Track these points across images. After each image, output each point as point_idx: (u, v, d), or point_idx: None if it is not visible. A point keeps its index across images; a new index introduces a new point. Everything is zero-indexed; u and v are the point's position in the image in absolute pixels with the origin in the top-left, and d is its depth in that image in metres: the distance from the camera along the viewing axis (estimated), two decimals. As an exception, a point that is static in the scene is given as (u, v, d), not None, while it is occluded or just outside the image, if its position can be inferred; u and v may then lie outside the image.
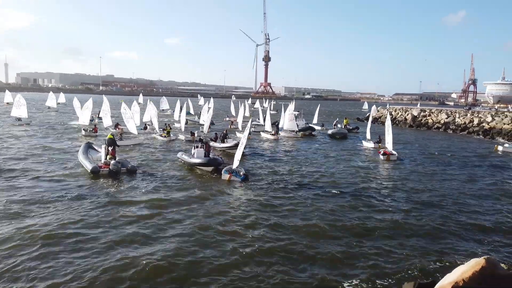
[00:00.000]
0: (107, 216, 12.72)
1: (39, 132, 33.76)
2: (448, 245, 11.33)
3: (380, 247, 10.95)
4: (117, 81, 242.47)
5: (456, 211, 14.70)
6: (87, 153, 20.81)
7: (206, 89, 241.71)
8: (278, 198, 15.55)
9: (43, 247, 10.12)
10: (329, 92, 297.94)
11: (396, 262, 10.07)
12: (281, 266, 9.59)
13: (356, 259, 10.17)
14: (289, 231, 11.95)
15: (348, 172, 21.38)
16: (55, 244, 10.33)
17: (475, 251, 10.76)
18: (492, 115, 48.79)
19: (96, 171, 17.97)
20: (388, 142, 26.56)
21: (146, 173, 19.32)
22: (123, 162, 19.46)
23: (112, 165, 18.22)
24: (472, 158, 27.74)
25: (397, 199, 16.17)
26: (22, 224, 11.52)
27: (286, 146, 31.71)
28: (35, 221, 11.88)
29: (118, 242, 10.67)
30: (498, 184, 19.82)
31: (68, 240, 10.61)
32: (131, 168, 19.10)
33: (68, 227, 11.54)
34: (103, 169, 18.31)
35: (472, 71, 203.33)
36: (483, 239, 11.97)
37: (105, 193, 15.45)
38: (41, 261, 9.35)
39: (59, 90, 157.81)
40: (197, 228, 11.89)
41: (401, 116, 59.53)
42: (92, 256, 9.75)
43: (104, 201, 14.30)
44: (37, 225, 11.49)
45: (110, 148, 19.76)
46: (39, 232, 10.98)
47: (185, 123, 37.19)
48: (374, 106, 70.59)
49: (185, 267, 9.41)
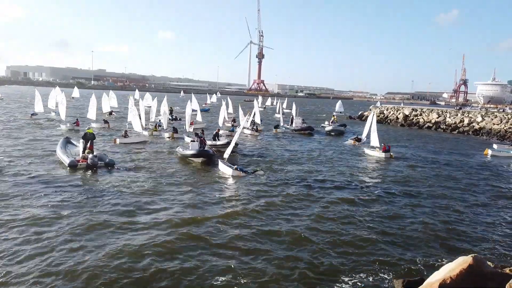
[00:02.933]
0: (81, 207, 12.89)
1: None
2: (436, 243, 11.48)
3: (369, 245, 11.04)
4: (109, 76, 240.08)
5: (445, 211, 14.90)
6: (65, 147, 21.06)
7: (199, 85, 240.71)
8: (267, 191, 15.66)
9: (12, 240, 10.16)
10: (322, 90, 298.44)
11: (385, 260, 10.16)
12: (267, 265, 9.65)
13: (345, 257, 10.25)
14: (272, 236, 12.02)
15: (340, 170, 21.54)
16: (26, 236, 10.38)
17: (462, 249, 10.91)
18: (482, 115, 49.40)
19: (73, 165, 18.22)
20: (373, 139, 27.88)
21: (124, 167, 19.53)
22: (101, 156, 19.70)
23: (90, 159, 18.50)
24: (464, 160, 28.08)
25: (387, 197, 16.32)
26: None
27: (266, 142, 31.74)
28: (9, 213, 11.93)
29: (90, 233, 10.86)
30: (488, 185, 20.06)
31: (41, 234, 10.64)
32: (108, 162, 19.32)
33: (42, 220, 11.63)
34: (81, 163, 18.56)
35: (463, 71, 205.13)
36: (470, 238, 12.14)
37: (81, 186, 15.58)
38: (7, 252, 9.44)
39: (49, 84, 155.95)
40: (170, 221, 12.12)
41: (393, 115, 59.97)
42: (63, 250, 9.80)
43: (79, 195, 14.40)
44: (11, 219, 11.50)
45: (89, 143, 20.06)
46: (11, 224, 11.07)
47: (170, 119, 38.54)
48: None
49: (152, 257, 9.53)
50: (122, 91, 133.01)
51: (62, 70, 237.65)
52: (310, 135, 38.38)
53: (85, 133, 20.40)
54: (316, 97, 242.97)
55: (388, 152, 26.36)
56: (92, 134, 20.39)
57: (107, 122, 36.42)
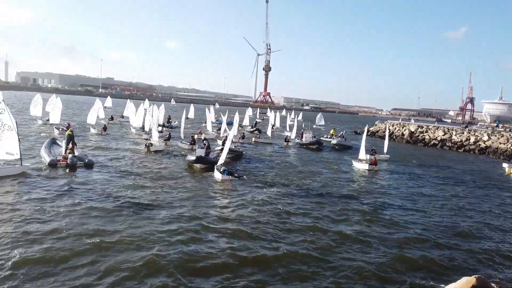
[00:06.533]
0: (54, 206, 13.50)
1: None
2: (440, 262, 11.39)
3: (370, 261, 10.99)
4: (117, 84, 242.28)
5: (451, 230, 14.78)
6: (50, 147, 22.77)
7: (206, 96, 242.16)
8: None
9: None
10: (328, 104, 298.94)
11: (387, 277, 10.10)
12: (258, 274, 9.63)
13: (342, 271, 10.20)
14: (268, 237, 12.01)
15: (339, 181, 21.49)
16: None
17: (466, 269, 10.82)
18: (488, 134, 49.17)
19: (53, 164, 19.57)
20: (362, 151, 28.95)
21: (103, 167, 20.86)
22: (81, 156, 21.13)
23: (69, 159, 19.83)
24: (479, 178, 27.92)
25: (389, 212, 16.25)
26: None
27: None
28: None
29: (63, 230, 11.38)
30: (502, 205, 19.82)
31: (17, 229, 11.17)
32: (88, 162, 20.61)
33: (14, 214, 12.26)
34: (61, 163, 19.86)
35: (470, 89, 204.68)
36: (476, 258, 12.03)
37: (57, 184, 16.52)
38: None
39: (58, 91, 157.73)
40: (142, 218, 12.89)
41: (399, 131, 59.87)
42: (35, 244, 10.28)
43: (55, 192, 15.25)
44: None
45: (70, 144, 21.63)
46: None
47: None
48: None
49: (122, 254, 10.03)
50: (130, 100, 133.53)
51: (71, 77, 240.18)
52: (319, 149, 38.62)
53: (66, 134, 22.34)
54: (321, 111, 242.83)
55: (374, 165, 27.33)
56: (70, 135, 22.11)
57: (105, 128, 37.33)
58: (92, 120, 38.02)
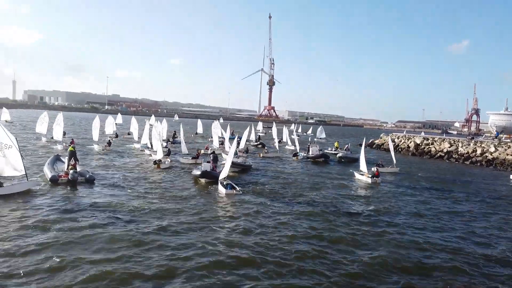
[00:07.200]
0: (54, 220, 13.65)
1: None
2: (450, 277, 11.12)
3: (375, 279, 10.75)
4: (123, 101, 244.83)
5: (461, 248, 14.50)
6: (54, 164, 23.08)
7: (210, 111, 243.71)
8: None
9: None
10: (332, 117, 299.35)
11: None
12: None
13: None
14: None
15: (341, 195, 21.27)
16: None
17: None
18: (495, 145, 48.72)
19: (54, 180, 19.68)
20: (362, 163, 29.48)
21: (105, 182, 20.99)
22: (82, 172, 21.31)
23: (71, 175, 19.92)
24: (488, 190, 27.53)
25: (399, 227, 15.99)
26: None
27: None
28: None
29: (56, 245, 11.38)
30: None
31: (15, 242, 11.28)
32: (89, 177, 20.74)
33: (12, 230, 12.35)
34: (62, 178, 19.97)
35: (474, 101, 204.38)
36: (485, 274, 11.74)
37: (57, 200, 16.59)
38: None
39: (65, 108, 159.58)
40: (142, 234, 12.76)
41: (404, 143, 59.55)
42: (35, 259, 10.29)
43: (54, 208, 15.22)
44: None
45: (72, 160, 21.78)
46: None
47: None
48: None
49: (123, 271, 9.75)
50: (136, 116, 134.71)
51: (77, 94, 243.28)
52: (326, 162, 38.75)
53: (68, 150, 22.46)
54: (326, 124, 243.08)
55: (376, 177, 27.42)
56: (72, 151, 22.11)
57: (110, 143, 38.04)
58: (95, 137, 38.28)
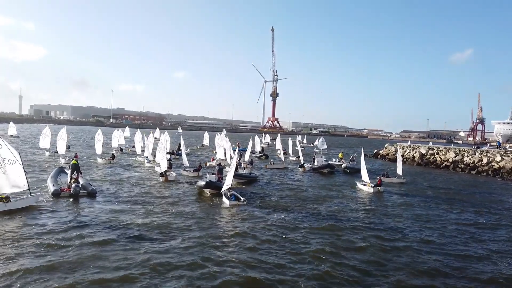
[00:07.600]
0: (54, 234, 13.67)
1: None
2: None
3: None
4: (127, 114, 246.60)
5: (460, 259, 14.33)
6: (57, 176, 23.20)
7: (214, 123, 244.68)
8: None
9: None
10: (336, 128, 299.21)
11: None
12: None
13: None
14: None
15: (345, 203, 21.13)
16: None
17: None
18: (501, 154, 48.36)
19: (57, 193, 19.75)
20: (364, 173, 29.33)
21: (107, 196, 21.05)
22: (85, 185, 21.42)
23: (73, 188, 20.00)
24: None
25: (404, 236, 15.85)
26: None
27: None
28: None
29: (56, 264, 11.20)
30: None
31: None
32: (91, 191, 20.82)
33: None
34: (65, 192, 20.05)
35: (479, 110, 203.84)
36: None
37: (59, 214, 16.57)
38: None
39: (70, 122, 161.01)
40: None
41: (409, 153, 59.28)
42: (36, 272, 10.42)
43: (56, 222, 15.24)
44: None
45: (75, 173, 22.03)
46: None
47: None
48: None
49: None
50: (140, 129, 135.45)
51: (82, 108, 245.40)
52: (331, 173, 38.63)
53: (71, 164, 22.68)
54: (330, 134, 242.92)
55: (379, 186, 27.60)
56: (74, 164, 22.39)
57: (113, 156, 38.63)
58: (98, 150, 38.32)
